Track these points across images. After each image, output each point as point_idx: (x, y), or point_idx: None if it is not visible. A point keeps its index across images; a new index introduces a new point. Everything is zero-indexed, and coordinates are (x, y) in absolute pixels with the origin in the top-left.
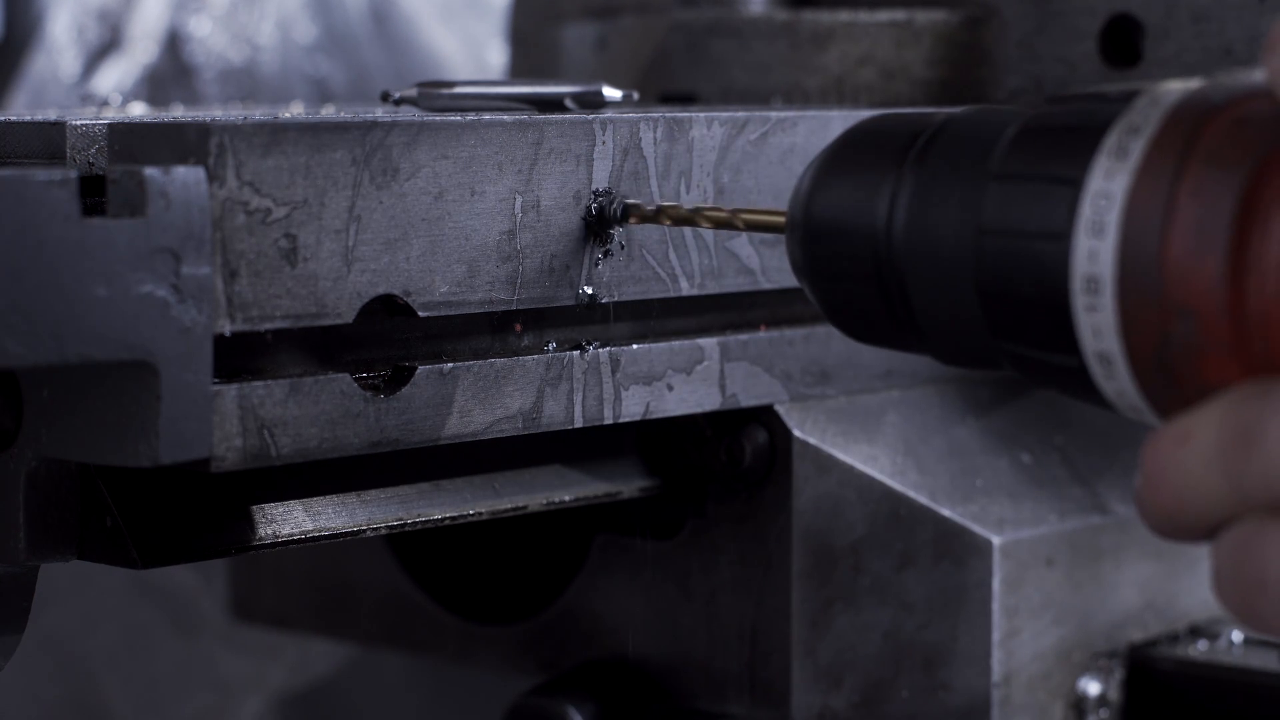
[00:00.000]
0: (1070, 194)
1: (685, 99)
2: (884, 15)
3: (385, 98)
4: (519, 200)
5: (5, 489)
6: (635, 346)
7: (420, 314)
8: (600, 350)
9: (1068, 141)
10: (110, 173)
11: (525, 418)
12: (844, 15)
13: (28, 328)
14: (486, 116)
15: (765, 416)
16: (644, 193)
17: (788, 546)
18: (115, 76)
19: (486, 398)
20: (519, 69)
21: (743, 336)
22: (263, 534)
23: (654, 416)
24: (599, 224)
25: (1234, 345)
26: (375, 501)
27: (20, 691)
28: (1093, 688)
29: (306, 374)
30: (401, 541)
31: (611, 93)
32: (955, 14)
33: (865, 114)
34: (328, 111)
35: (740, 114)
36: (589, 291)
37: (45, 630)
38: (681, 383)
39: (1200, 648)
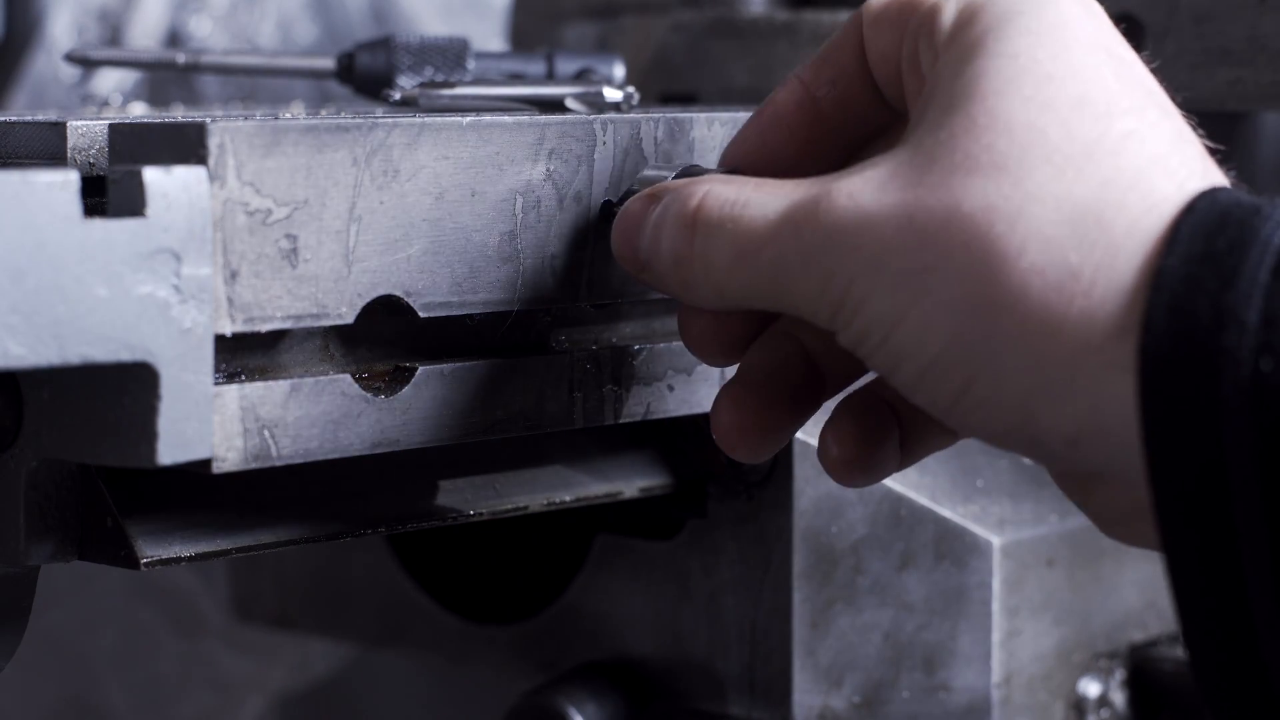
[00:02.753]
0: None
1: (685, 99)
2: None
3: (385, 98)
4: (519, 201)
5: (5, 489)
6: (636, 347)
7: (421, 314)
8: (601, 351)
9: None
10: (111, 173)
11: (526, 418)
12: (844, 15)
13: (28, 328)
14: (487, 117)
15: None
16: None
17: (788, 547)
18: (115, 76)
19: (487, 398)
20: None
21: None
22: (263, 534)
23: (654, 417)
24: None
25: None
26: (375, 501)
27: (20, 691)
28: (1093, 688)
29: (307, 374)
30: (401, 541)
31: (612, 93)
32: None
33: None
34: (328, 112)
35: (740, 114)
36: (589, 292)
37: (45, 630)
38: (682, 383)
39: None
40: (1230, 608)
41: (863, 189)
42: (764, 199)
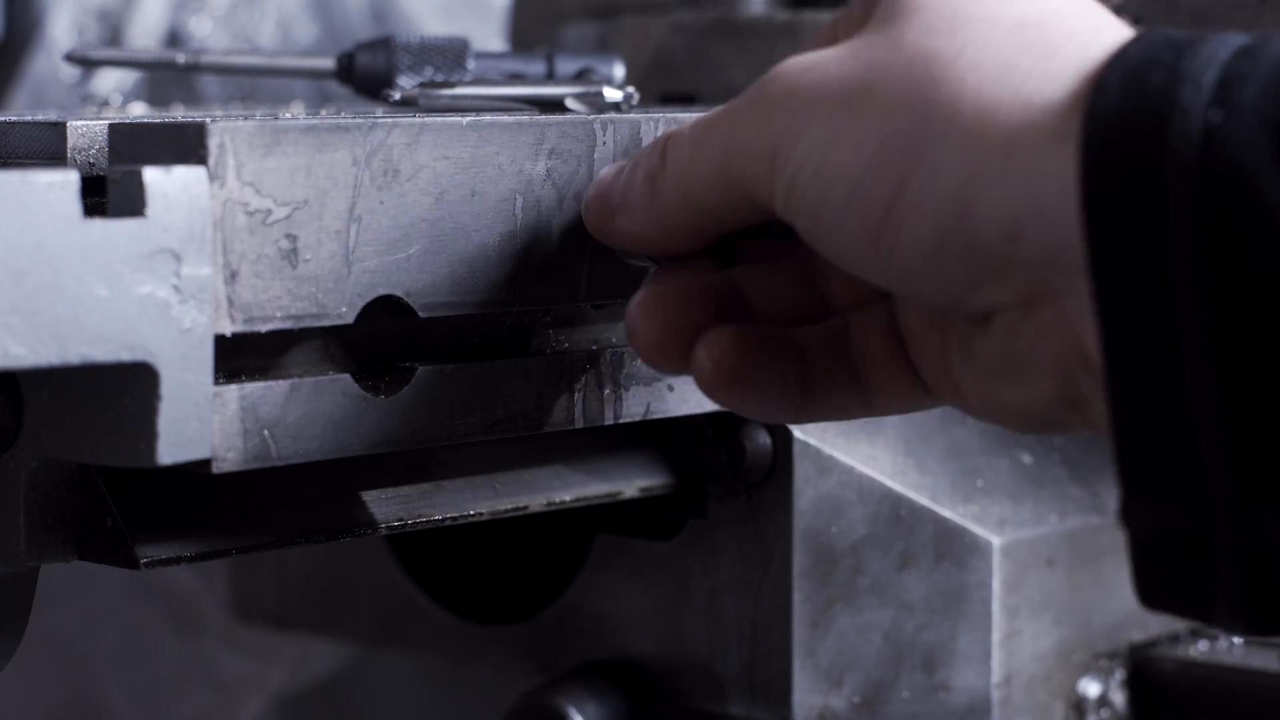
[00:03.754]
0: None
1: (685, 99)
2: None
3: (385, 98)
4: (519, 201)
5: (5, 489)
6: None
7: (421, 314)
8: (601, 351)
9: None
10: (111, 173)
11: (526, 418)
12: None
13: (28, 329)
14: (487, 117)
15: None
16: None
17: (788, 547)
18: (115, 76)
19: (487, 398)
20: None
21: None
22: (263, 534)
23: (654, 417)
24: None
25: None
26: (375, 501)
27: (20, 691)
28: (1093, 688)
29: (307, 374)
30: (401, 541)
31: (612, 93)
32: None
33: None
34: (328, 112)
35: None
36: (589, 292)
37: (45, 630)
38: (682, 383)
39: (1200, 648)
40: (1164, 378)
41: (810, 55)
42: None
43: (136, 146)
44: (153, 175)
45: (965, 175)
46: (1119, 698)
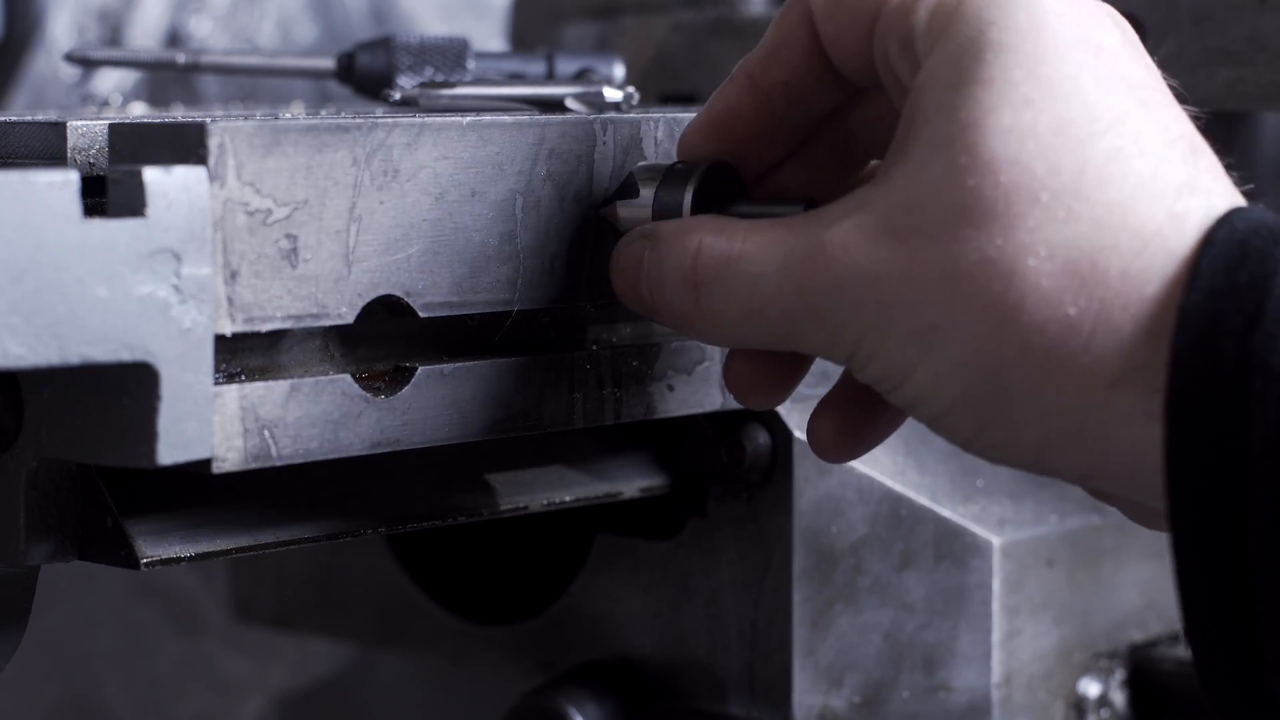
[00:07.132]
0: None
1: (685, 99)
2: None
3: (385, 98)
4: (519, 201)
5: (5, 489)
6: (636, 347)
7: (421, 314)
8: (601, 351)
9: None
10: (111, 173)
11: (526, 418)
12: None
13: (28, 328)
14: (487, 117)
15: (766, 417)
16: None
17: (788, 547)
18: (115, 76)
19: (487, 398)
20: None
21: None
22: (263, 534)
23: (654, 417)
24: None
25: None
26: (375, 501)
27: (20, 691)
28: (1093, 688)
29: (307, 374)
30: (401, 541)
31: (612, 93)
32: None
33: None
34: (328, 112)
35: None
36: (589, 292)
37: (46, 630)
38: (682, 383)
39: None
40: (1241, 641)
41: (857, 241)
42: (759, 251)
43: (136, 146)
44: (153, 175)
45: (1039, 437)
46: (1119, 698)
